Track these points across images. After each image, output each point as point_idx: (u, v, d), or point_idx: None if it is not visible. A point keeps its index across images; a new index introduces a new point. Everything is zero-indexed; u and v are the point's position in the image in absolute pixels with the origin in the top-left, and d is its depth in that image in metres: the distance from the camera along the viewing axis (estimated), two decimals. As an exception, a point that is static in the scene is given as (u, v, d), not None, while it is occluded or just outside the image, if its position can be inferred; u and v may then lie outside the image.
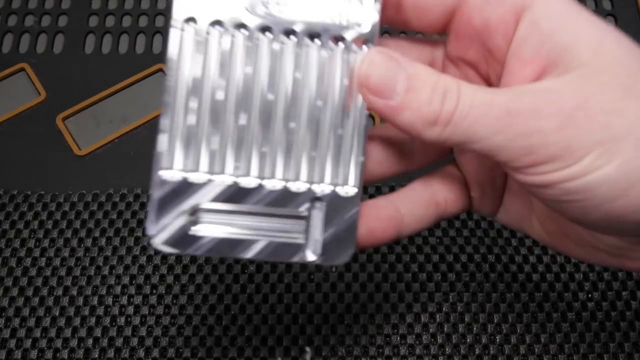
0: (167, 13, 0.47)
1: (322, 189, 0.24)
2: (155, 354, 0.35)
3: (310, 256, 0.24)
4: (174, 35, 0.23)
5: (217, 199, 0.23)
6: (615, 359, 0.35)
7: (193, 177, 0.23)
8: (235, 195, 0.23)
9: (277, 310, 0.36)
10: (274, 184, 0.24)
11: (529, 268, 0.37)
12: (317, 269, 0.37)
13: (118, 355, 0.35)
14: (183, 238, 0.23)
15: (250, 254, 0.23)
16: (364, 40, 0.24)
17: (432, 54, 0.27)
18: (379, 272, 0.37)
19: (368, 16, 0.24)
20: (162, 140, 0.23)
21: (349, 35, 0.23)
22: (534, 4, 0.23)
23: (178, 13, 0.23)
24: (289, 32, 0.23)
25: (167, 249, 0.23)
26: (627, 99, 0.21)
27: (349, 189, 0.24)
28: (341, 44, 0.24)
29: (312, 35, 0.23)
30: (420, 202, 0.27)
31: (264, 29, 0.23)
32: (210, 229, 0.23)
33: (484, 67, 0.26)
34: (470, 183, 0.29)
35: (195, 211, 0.23)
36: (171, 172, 0.23)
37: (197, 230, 0.23)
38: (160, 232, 0.23)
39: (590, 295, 0.37)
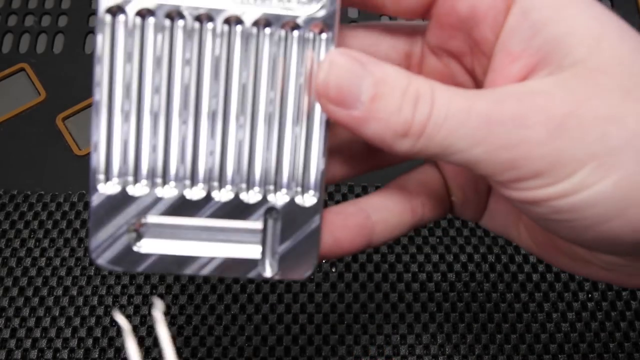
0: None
1: (278, 198, 0.21)
2: (155, 354, 0.35)
3: (267, 272, 0.22)
4: (101, 30, 0.20)
5: (161, 213, 0.21)
6: (615, 359, 0.35)
7: (132, 190, 0.21)
8: (181, 207, 0.21)
9: (277, 310, 0.36)
10: (223, 195, 0.21)
11: (529, 268, 0.37)
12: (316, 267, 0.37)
13: (118, 355, 0.35)
14: (126, 255, 0.21)
15: (201, 271, 0.21)
16: (322, 27, 0.20)
17: (411, 44, 0.24)
18: (379, 272, 0.37)
19: (324, 2, 0.20)
20: (96, 149, 0.20)
21: (303, 22, 0.20)
22: None
23: (105, 3, 0.20)
24: (234, 20, 0.20)
25: (110, 267, 0.21)
26: (627, 104, 0.18)
27: (308, 198, 0.22)
28: (296, 33, 0.20)
29: (261, 23, 0.20)
30: (393, 209, 0.24)
31: (205, 17, 0.20)
32: (156, 245, 0.21)
33: (469, 59, 0.23)
34: (451, 186, 0.26)
35: (138, 226, 0.21)
36: (108, 184, 0.21)
37: (141, 246, 0.21)
38: (102, 250, 0.21)
39: (590, 295, 0.37)
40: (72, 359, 0.35)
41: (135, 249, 0.21)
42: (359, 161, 0.25)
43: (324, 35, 0.21)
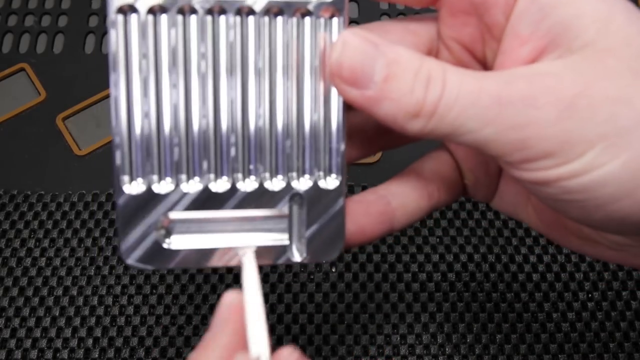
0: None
1: (301, 183, 0.22)
2: (155, 354, 0.35)
3: (296, 256, 0.22)
4: (113, 29, 0.20)
5: (188, 208, 0.21)
6: (616, 359, 0.35)
7: (158, 187, 0.21)
8: (207, 200, 0.21)
9: (278, 310, 0.36)
10: (248, 185, 0.21)
11: (529, 268, 0.37)
12: (316, 267, 0.37)
13: (118, 355, 0.35)
14: (157, 253, 0.21)
15: (231, 261, 0.22)
16: (332, 11, 0.21)
17: (430, 42, 0.24)
18: (379, 272, 0.37)
19: None
20: (119, 150, 0.20)
21: (314, 8, 0.20)
22: None
23: (116, 2, 0.19)
24: (245, 11, 0.20)
25: (142, 266, 0.21)
26: (635, 85, 0.19)
27: (331, 181, 0.22)
28: (308, 19, 0.21)
29: (273, 11, 0.20)
30: (412, 195, 0.25)
31: (217, 10, 0.20)
32: (185, 241, 0.21)
33: (480, 49, 0.23)
34: (463, 169, 0.26)
35: (166, 223, 0.21)
36: (134, 184, 0.21)
37: (171, 243, 0.21)
38: (132, 249, 0.21)
39: (590, 295, 0.37)
40: (72, 358, 0.35)
41: (165, 246, 0.21)
42: (372, 141, 0.26)
43: (334, 20, 0.21)
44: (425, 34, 0.24)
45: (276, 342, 0.35)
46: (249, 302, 0.20)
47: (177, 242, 0.21)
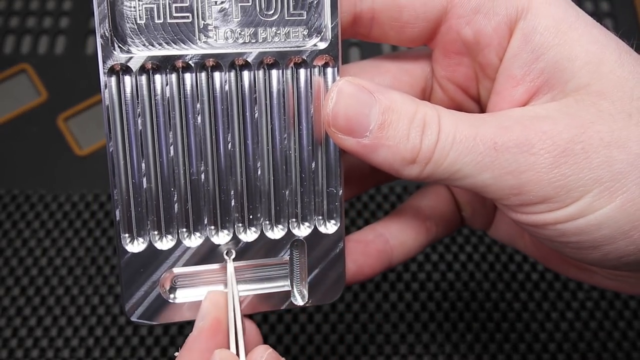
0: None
1: (302, 230, 0.22)
2: (155, 354, 0.35)
3: (299, 301, 0.22)
4: (107, 91, 0.20)
5: (190, 262, 0.21)
6: (614, 358, 0.35)
7: (159, 244, 0.21)
8: (208, 254, 0.21)
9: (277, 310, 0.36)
10: (249, 235, 0.22)
11: (529, 267, 0.38)
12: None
13: (119, 354, 0.35)
14: (162, 308, 0.21)
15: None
16: (327, 59, 0.21)
17: (425, 80, 0.24)
18: (378, 271, 0.37)
19: (327, 32, 0.20)
20: (119, 211, 0.21)
21: (308, 57, 0.20)
22: (529, 12, 0.20)
23: (106, 62, 0.19)
24: (240, 64, 0.20)
25: (147, 322, 0.21)
26: (629, 128, 0.19)
27: (331, 226, 0.22)
28: (301, 69, 0.21)
29: (267, 62, 0.20)
30: (410, 232, 0.25)
31: (210, 65, 0.20)
32: (189, 293, 0.22)
33: (474, 88, 0.23)
34: (460, 203, 0.27)
35: (170, 279, 0.21)
36: (135, 242, 0.21)
37: (175, 297, 0.22)
38: (136, 306, 0.21)
39: (589, 295, 0.37)
40: (73, 357, 0.35)
41: (170, 300, 0.21)
42: (368, 179, 0.26)
43: (329, 68, 0.21)
44: (419, 73, 0.24)
45: (276, 341, 0.35)
46: (230, 302, 0.21)
47: (181, 296, 0.22)
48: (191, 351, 0.20)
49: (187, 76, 0.20)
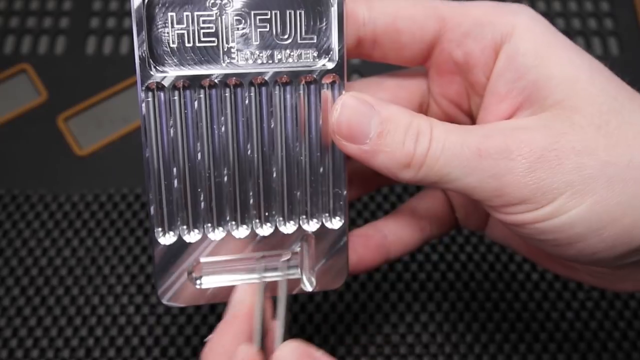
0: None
1: (311, 225, 0.25)
2: (156, 354, 0.35)
3: (308, 287, 0.26)
4: (144, 105, 0.23)
5: (214, 253, 0.25)
6: (614, 358, 0.35)
7: (187, 237, 0.24)
8: (230, 246, 0.25)
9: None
10: (265, 230, 0.25)
11: (529, 267, 0.38)
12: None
13: (119, 354, 0.35)
14: (189, 292, 0.25)
15: None
16: (333, 78, 0.24)
17: (422, 96, 0.27)
18: (378, 271, 0.37)
19: (334, 54, 0.24)
20: (153, 208, 0.24)
21: (317, 75, 0.23)
22: (513, 37, 0.23)
23: (144, 80, 0.22)
24: (258, 82, 0.23)
25: (177, 305, 0.25)
26: (598, 138, 0.21)
27: (336, 222, 0.25)
28: (312, 86, 0.24)
29: (282, 80, 0.24)
30: (406, 230, 0.28)
31: (233, 83, 0.23)
32: (213, 280, 0.25)
33: (466, 103, 0.26)
34: (455, 205, 0.29)
35: (197, 267, 0.25)
36: (167, 235, 0.24)
37: (201, 283, 0.25)
38: (167, 291, 0.25)
39: (589, 295, 0.37)
40: (73, 357, 0.35)
41: (197, 286, 0.25)
42: (371, 181, 0.29)
43: (335, 85, 0.24)
44: (417, 90, 0.27)
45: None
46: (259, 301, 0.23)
47: (206, 282, 0.25)
48: (224, 334, 0.22)
49: (213, 92, 0.23)
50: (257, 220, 0.25)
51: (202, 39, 0.23)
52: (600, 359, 0.35)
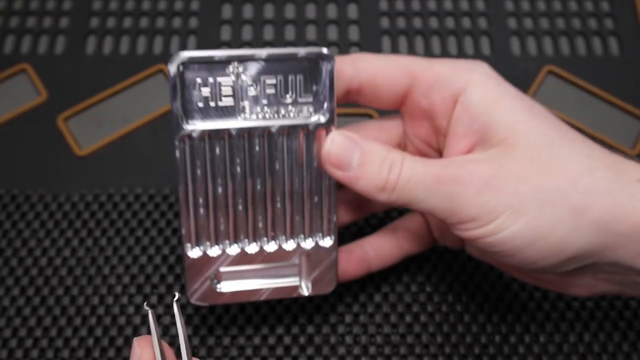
0: (167, 15, 0.47)
1: (307, 243, 0.31)
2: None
3: (305, 292, 0.32)
4: (178, 151, 0.29)
5: (231, 264, 0.31)
6: (614, 359, 0.35)
7: (211, 252, 0.31)
8: (243, 259, 0.31)
9: (277, 310, 0.36)
10: (271, 247, 0.31)
11: (528, 268, 0.38)
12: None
13: (119, 354, 0.35)
14: (211, 295, 0.31)
15: (261, 297, 0.32)
16: (326, 128, 0.29)
17: (399, 137, 0.33)
18: (378, 272, 0.37)
19: (326, 110, 0.29)
20: (184, 229, 0.30)
21: (312, 127, 0.29)
22: (467, 90, 0.28)
23: (178, 132, 0.28)
24: (266, 132, 0.29)
25: (201, 304, 0.32)
26: (532, 168, 0.26)
27: (327, 241, 0.32)
28: (309, 135, 0.29)
29: (285, 132, 0.29)
30: (386, 246, 0.34)
31: (246, 134, 0.29)
32: (230, 285, 0.32)
33: (435, 142, 0.31)
34: (431, 225, 0.34)
35: (217, 275, 0.31)
36: (195, 250, 0.31)
37: (220, 287, 0.32)
38: (194, 293, 0.31)
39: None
40: (73, 358, 0.35)
41: (217, 290, 0.31)
42: (359, 209, 0.35)
43: (328, 132, 0.29)
44: (395, 132, 0.33)
45: (276, 342, 0.35)
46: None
47: (225, 287, 0.32)
48: None
49: (231, 141, 0.29)
50: (265, 239, 0.31)
51: (223, 99, 0.28)
52: (600, 359, 0.35)
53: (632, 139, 0.43)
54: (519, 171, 0.26)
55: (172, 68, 0.27)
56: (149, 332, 0.36)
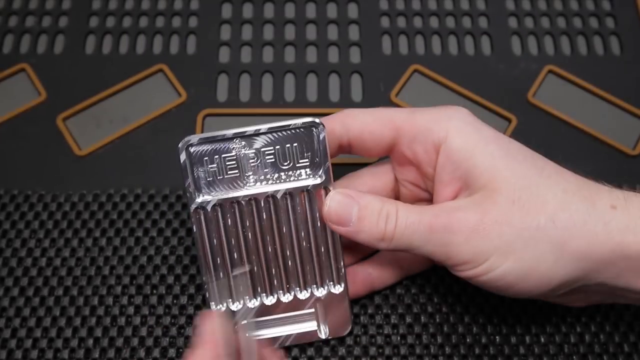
0: (167, 14, 0.47)
1: (320, 292, 0.34)
2: (156, 354, 0.35)
3: (323, 335, 0.35)
4: (194, 220, 0.32)
5: (252, 317, 0.34)
6: (615, 359, 0.35)
7: (232, 307, 0.34)
8: (263, 310, 0.34)
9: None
10: (287, 297, 0.34)
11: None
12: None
13: (119, 355, 0.35)
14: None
15: (284, 343, 0.34)
16: (324, 187, 0.32)
17: (393, 182, 0.35)
18: (378, 272, 0.37)
19: (322, 171, 0.32)
20: (208, 291, 0.33)
21: (312, 188, 0.32)
22: (447, 140, 0.30)
23: (192, 204, 0.32)
24: (270, 196, 0.32)
25: None
26: (514, 210, 0.29)
27: (338, 288, 0.34)
28: (309, 196, 0.32)
29: (287, 194, 0.32)
30: (387, 267, 0.36)
31: (253, 200, 0.32)
32: (254, 335, 0.34)
33: (423, 185, 0.34)
34: None
35: (238, 327, 0.33)
36: (218, 307, 0.34)
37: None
38: None
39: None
40: (73, 358, 0.35)
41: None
42: (365, 250, 0.37)
43: (327, 191, 0.32)
44: (388, 178, 0.35)
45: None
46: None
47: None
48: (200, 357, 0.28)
49: (239, 208, 0.32)
50: (281, 291, 0.34)
51: (228, 172, 0.31)
52: (601, 359, 0.35)
53: (632, 139, 0.43)
54: (502, 215, 0.28)
55: (182, 150, 0.31)
56: (149, 333, 0.36)
